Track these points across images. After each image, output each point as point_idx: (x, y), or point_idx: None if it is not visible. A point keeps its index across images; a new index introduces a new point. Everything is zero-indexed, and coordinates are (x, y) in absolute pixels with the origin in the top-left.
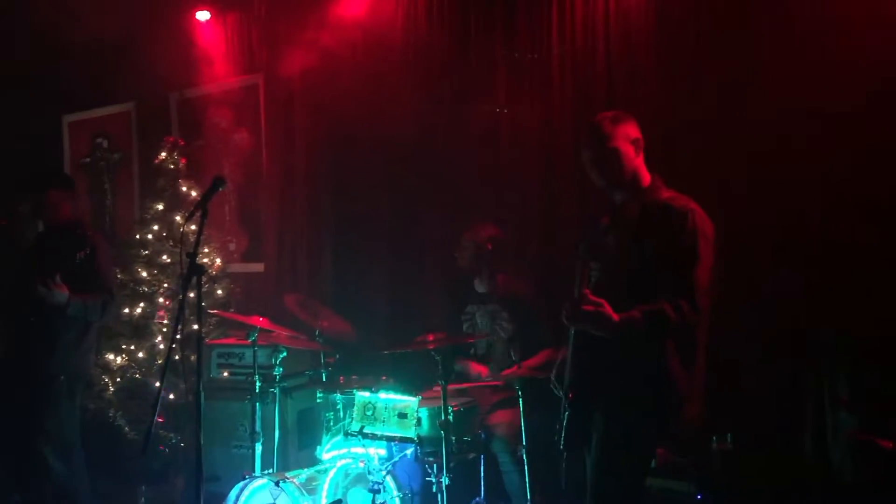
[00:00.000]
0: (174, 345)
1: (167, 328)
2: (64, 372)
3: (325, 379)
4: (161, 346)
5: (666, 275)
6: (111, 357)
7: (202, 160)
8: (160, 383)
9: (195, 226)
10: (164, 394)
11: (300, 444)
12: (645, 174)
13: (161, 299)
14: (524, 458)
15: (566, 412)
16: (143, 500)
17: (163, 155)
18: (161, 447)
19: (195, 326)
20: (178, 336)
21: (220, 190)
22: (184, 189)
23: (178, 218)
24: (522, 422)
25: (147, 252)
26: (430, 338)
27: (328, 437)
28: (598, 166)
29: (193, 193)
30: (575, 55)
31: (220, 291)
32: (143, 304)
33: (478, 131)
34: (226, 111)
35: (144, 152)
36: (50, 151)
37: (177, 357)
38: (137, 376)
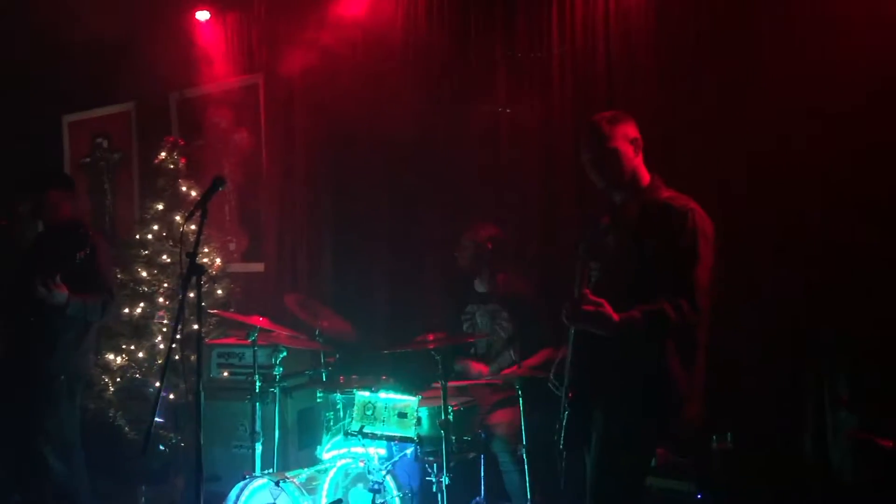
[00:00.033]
0: (174, 345)
1: (167, 328)
2: (64, 372)
3: (325, 379)
4: (161, 346)
5: (666, 274)
6: (111, 357)
7: (202, 160)
8: (160, 383)
9: (195, 226)
10: (164, 394)
11: (300, 443)
12: (644, 174)
13: (161, 299)
14: (524, 457)
15: (566, 412)
16: (143, 500)
17: (163, 155)
18: (161, 447)
19: (195, 326)
20: (178, 336)
21: (219, 190)
22: (184, 189)
23: (178, 218)
24: (522, 421)
25: (147, 252)
26: (430, 337)
27: (328, 436)
28: (598, 167)
29: (193, 193)
30: (575, 55)
31: (220, 291)
32: (143, 304)
33: (478, 131)
34: (226, 111)
35: (144, 152)
36: (50, 151)
37: (177, 357)
38: (137, 376)
